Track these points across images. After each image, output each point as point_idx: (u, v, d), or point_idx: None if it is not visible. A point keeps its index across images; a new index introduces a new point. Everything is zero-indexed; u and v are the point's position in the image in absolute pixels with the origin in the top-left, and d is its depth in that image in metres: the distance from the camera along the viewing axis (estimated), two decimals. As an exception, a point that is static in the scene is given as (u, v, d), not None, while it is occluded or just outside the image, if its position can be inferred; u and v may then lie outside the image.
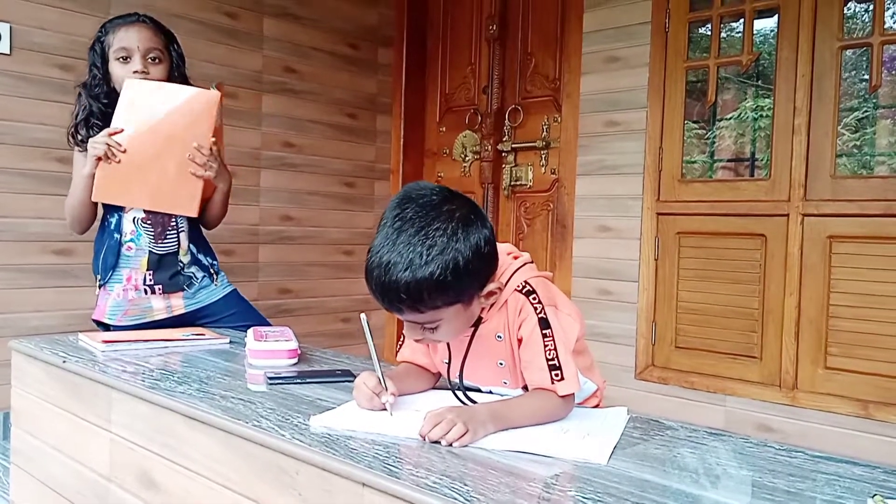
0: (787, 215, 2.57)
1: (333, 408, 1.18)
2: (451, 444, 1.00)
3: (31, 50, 2.63)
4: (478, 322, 1.20)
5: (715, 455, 1.02)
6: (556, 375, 1.13)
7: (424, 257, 1.04)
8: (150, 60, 1.95)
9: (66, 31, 2.70)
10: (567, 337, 1.17)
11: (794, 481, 0.91)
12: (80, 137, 1.96)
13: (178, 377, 1.39)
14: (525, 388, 1.22)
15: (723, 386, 2.69)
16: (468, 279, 1.08)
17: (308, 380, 1.39)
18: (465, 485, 0.85)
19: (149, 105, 1.89)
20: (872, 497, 0.82)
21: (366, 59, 3.70)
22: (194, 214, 1.97)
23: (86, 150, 1.92)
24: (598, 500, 0.82)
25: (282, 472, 1.01)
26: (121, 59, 1.93)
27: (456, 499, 0.81)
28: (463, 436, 1.00)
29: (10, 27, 2.58)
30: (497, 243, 1.19)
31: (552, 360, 1.14)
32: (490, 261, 1.14)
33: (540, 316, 1.16)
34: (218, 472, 1.13)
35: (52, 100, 2.66)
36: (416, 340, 1.21)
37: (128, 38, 1.93)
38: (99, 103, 1.95)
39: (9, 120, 2.60)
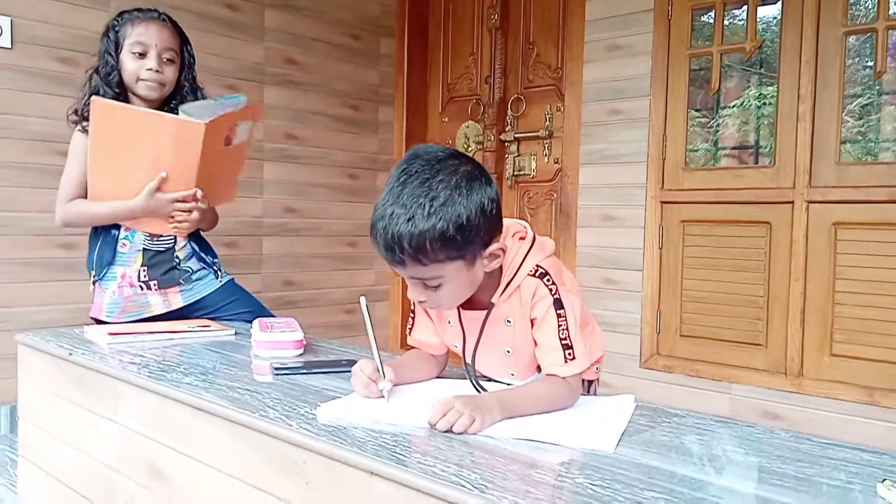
0: (792, 202, 2.56)
1: (340, 397, 1.18)
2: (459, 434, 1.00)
3: (32, 44, 2.63)
4: (490, 307, 1.20)
5: (722, 442, 1.02)
6: (569, 355, 1.15)
7: (427, 209, 1.04)
8: (164, 60, 1.93)
9: (68, 25, 2.70)
10: (576, 315, 1.18)
11: (803, 467, 0.91)
12: (85, 114, 1.91)
13: (184, 368, 1.39)
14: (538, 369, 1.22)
15: (728, 374, 2.69)
16: (471, 234, 1.08)
17: (314, 370, 1.39)
18: (474, 473, 0.85)
19: (132, 130, 1.83)
20: (882, 482, 0.82)
21: (368, 50, 3.69)
22: (183, 234, 1.98)
23: (86, 130, 1.89)
24: (607, 487, 0.81)
25: (289, 461, 1.01)
26: (136, 54, 1.90)
27: (464, 486, 0.81)
28: (471, 425, 1.01)
29: (11, 21, 2.57)
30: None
31: (565, 339, 1.15)
32: (494, 220, 1.13)
33: (555, 297, 1.16)
34: (225, 463, 1.13)
35: (54, 93, 2.66)
36: (420, 302, 1.19)
37: (146, 34, 1.91)
38: (112, 91, 1.92)
39: (11, 114, 2.60)
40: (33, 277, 2.68)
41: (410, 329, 1.35)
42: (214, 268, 2.06)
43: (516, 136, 3.45)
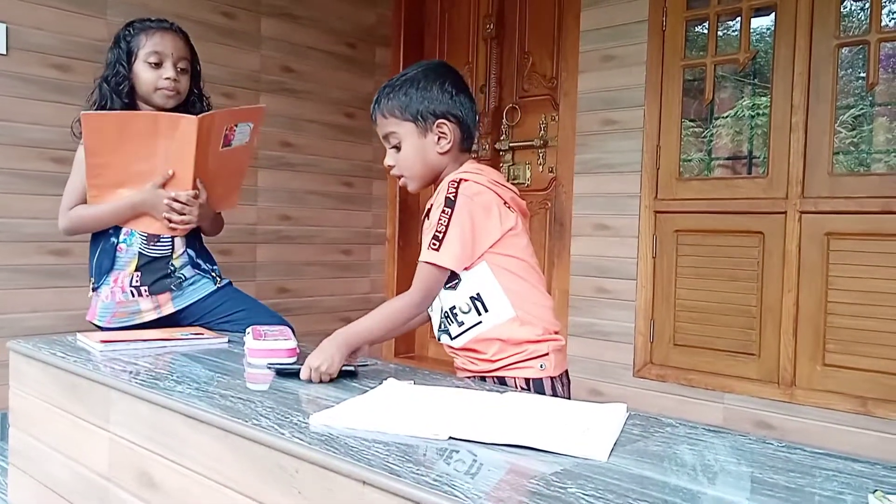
0: (785, 213, 2.57)
1: (333, 406, 1.18)
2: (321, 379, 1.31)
3: (27, 50, 2.63)
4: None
5: (714, 452, 1.02)
6: (434, 245, 1.34)
7: (403, 77, 1.45)
8: (179, 70, 1.94)
9: (63, 32, 2.70)
10: (463, 224, 1.35)
11: (794, 477, 0.91)
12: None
13: (176, 376, 1.39)
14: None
15: (721, 383, 2.70)
16: (422, 94, 1.41)
17: (307, 378, 1.39)
18: (466, 482, 0.85)
19: (125, 136, 1.83)
20: (874, 493, 0.82)
21: (363, 59, 3.70)
22: (180, 234, 1.97)
23: None
24: (599, 497, 0.81)
25: (282, 470, 1.01)
26: (152, 64, 1.91)
27: (456, 496, 0.81)
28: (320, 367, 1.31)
29: (7, 27, 2.57)
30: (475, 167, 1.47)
31: (439, 231, 1.34)
32: (448, 97, 1.43)
33: (448, 196, 1.36)
34: (217, 472, 1.13)
35: (49, 100, 2.66)
36: (389, 168, 1.48)
37: (162, 44, 1.92)
38: (121, 100, 1.93)
39: (5, 120, 2.60)
40: (25, 284, 2.67)
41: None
42: (213, 274, 2.05)
43: (511, 145, 3.46)
